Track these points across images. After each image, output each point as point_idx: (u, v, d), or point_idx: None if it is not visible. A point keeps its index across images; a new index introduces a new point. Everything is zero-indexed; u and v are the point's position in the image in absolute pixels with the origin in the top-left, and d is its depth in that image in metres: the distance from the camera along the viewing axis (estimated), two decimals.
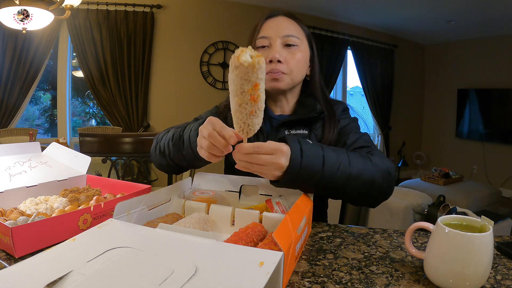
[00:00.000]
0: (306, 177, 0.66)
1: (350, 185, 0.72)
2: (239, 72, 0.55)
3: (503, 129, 4.59)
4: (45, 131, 4.04)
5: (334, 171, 0.69)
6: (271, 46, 0.91)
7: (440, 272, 0.51)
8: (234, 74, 0.56)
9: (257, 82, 0.56)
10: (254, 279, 0.38)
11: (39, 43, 3.24)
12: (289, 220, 0.52)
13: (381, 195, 0.79)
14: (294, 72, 0.91)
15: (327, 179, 0.68)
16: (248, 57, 0.55)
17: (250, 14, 4.03)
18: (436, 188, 3.54)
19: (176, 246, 0.46)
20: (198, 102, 3.88)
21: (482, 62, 4.81)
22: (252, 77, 0.55)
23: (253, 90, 0.56)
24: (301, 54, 0.92)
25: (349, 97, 5.37)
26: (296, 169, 0.64)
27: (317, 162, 0.67)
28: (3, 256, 0.59)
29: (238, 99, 0.57)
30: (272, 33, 0.91)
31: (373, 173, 0.75)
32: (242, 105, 0.57)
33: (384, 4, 3.89)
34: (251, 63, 0.54)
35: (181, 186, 0.78)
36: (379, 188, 0.76)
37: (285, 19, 0.94)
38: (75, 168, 0.94)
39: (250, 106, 0.57)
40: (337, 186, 0.71)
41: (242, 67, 0.54)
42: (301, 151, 0.66)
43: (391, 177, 0.79)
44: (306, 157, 0.66)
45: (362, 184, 0.73)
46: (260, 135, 0.95)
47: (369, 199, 0.79)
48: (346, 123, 0.95)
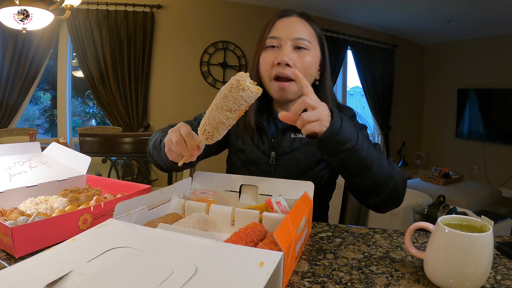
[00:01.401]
0: (343, 139, 0.68)
1: (376, 168, 0.74)
2: (245, 94, 0.61)
3: (503, 129, 4.59)
4: (45, 131, 4.04)
5: (366, 147, 0.72)
6: (280, 47, 0.89)
7: (440, 272, 0.51)
8: (237, 94, 0.61)
9: (249, 105, 0.64)
10: (254, 279, 0.38)
11: (39, 43, 3.24)
12: (290, 220, 0.52)
13: (396, 195, 0.80)
14: None
15: (359, 151, 0.71)
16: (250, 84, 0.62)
17: (250, 14, 4.04)
18: (436, 188, 3.54)
19: (176, 246, 0.46)
20: (198, 102, 3.88)
21: (482, 62, 4.81)
22: (251, 101, 0.63)
23: (244, 109, 0.64)
24: (310, 59, 0.89)
25: (349, 97, 5.37)
26: (337, 127, 0.67)
27: (353, 131, 0.71)
28: (3, 256, 0.59)
29: (229, 114, 0.63)
30: (283, 34, 0.89)
31: (393, 172, 0.78)
32: (228, 119, 0.64)
33: (384, 4, 3.88)
34: (256, 91, 0.62)
35: (181, 186, 0.78)
36: (395, 187, 0.78)
37: (298, 20, 0.91)
38: (75, 168, 0.94)
39: (232, 121, 0.65)
40: (365, 162, 0.72)
41: (248, 92, 0.61)
42: (341, 118, 0.69)
43: (405, 185, 0.81)
44: (345, 123, 0.69)
45: (384, 174, 0.76)
46: (265, 138, 0.95)
47: (383, 194, 0.78)
48: None
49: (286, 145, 0.92)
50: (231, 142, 1.01)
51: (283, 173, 0.91)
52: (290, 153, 0.92)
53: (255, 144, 0.95)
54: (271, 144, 0.94)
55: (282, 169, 0.92)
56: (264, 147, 0.95)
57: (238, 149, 0.98)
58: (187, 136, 0.69)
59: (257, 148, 0.95)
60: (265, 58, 0.90)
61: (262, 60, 0.91)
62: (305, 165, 0.92)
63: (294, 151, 0.92)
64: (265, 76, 0.92)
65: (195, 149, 0.70)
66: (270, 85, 0.91)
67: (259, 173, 0.92)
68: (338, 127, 0.67)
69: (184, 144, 0.69)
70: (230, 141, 1.02)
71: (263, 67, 0.91)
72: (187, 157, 0.71)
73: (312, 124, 0.66)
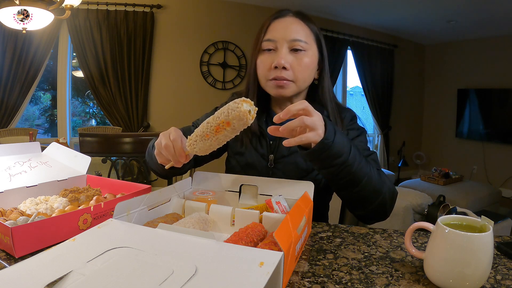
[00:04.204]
0: (335, 154, 0.68)
1: (365, 183, 0.74)
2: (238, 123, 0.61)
3: (503, 129, 4.59)
4: (45, 131, 4.04)
5: (357, 161, 0.72)
6: (277, 50, 0.87)
7: (440, 272, 0.51)
8: (237, 124, 0.61)
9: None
10: (254, 279, 0.38)
11: (39, 43, 3.24)
12: (290, 220, 0.52)
13: (382, 210, 0.81)
14: (299, 79, 0.88)
15: (349, 166, 0.71)
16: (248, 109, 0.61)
17: (250, 14, 4.03)
18: (436, 188, 3.54)
19: (176, 246, 0.46)
20: (198, 102, 3.88)
21: (482, 62, 4.81)
22: (242, 128, 0.63)
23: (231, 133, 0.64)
24: (308, 60, 0.88)
25: (349, 97, 5.36)
26: (329, 142, 0.66)
27: (345, 145, 0.70)
28: (3, 256, 0.59)
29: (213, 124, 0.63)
30: (279, 36, 0.87)
31: (383, 187, 0.78)
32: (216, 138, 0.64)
33: (384, 4, 3.88)
34: (246, 122, 0.61)
35: (181, 186, 0.78)
36: (382, 202, 0.78)
37: (293, 21, 0.89)
38: (75, 168, 0.94)
39: (222, 139, 0.64)
40: (355, 177, 0.72)
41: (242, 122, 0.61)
42: (334, 131, 0.68)
43: (393, 200, 0.82)
44: (338, 137, 0.68)
45: (373, 189, 0.76)
46: (264, 141, 0.94)
47: (369, 208, 0.79)
48: (354, 136, 0.93)
49: (284, 149, 0.91)
50: (230, 144, 1.00)
51: (281, 177, 0.90)
52: (289, 156, 0.92)
53: (254, 147, 0.95)
54: (269, 147, 0.94)
55: (281, 172, 0.92)
56: (263, 150, 0.94)
57: (237, 152, 0.97)
58: (174, 141, 0.70)
59: (255, 151, 0.94)
60: (262, 62, 0.90)
61: (259, 63, 0.91)
62: (304, 168, 0.91)
63: (292, 155, 0.91)
64: (262, 79, 0.92)
65: (182, 156, 0.71)
66: (266, 85, 0.91)
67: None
68: (330, 142, 0.66)
69: (172, 149, 0.71)
70: (228, 144, 1.01)
71: (260, 70, 0.91)
72: (173, 162, 0.73)
73: (308, 135, 0.65)
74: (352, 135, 0.93)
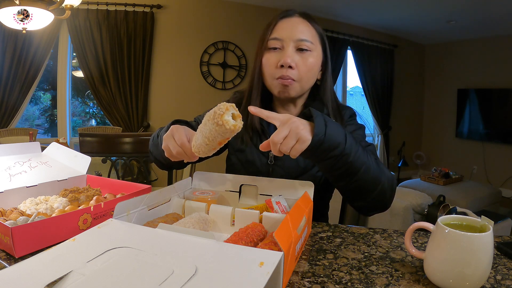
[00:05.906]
0: (330, 146, 0.68)
1: (363, 172, 0.73)
2: (219, 129, 0.57)
3: (503, 129, 4.59)
4: (45, 131, 4.04)
5: (354, 151, 0.71)
6: (283, 48, 0.88)
7: (440, 272, 0.51)
8: (213, 127, 0.58)
9: (229, 137, 0.60)
10: (254, 279, 0.38)
11: (39, 43, 3.24)
12: (290, 220, 0.52)
13: (382, 201, 0.80)
14: (304, 79, 0.89)
15: (346, 156, 0.70)
16: (230, 118, 0.57)
17: (250, 14, 4.04)
18: (436, 188, 3.54)
19: (176, 246, 0.46)
20: (198, 102, 3.88)
21: (482, 62, 4.81)
22: (228, 136, 0.59)
23: (224, 141, 0.61)
24: (313, 60, 0.89)
25: (349, 97, 5.37)
26: (320, 137, 0.66)
27: (340, 135, 0.70)
28: (3, 256, 0.59)
29: (207, 141, 0.61)
30: (286, 35, 0.88)
31: (381, 177, 0.77)
32: (208, 144, 0.62)
33: (384, 4, 3.88)
34: (231, 129, 0.57)
35: (181, 186, 0.78)
36: (382, 192, 0.78)
37: (300, 21, 0.90)
38: (75, 168, 0.94)
39: (213, 146, 0.63)
40: (353, 167, 0.72)
41: (223, 127, 0.57)
42: (325, 123, 0.68)
43: (393, 191, 0.81)
44: (330, 129, 0.68)
45: (372, 179, 0.75)
46: (264, 138, 0.95)
47: (369, 198, 0.78)
48: (351, 130, 0.94)
49: None
50: (230, 141, 1.00)
51: (281, 174, 0.92)
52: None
53: (254, 144, 0.95)
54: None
55: (281, 169, 0.92)
56: None
57: (237, 149, 0.98)
58: (183, 145, 0.71)
59: (256, 148, 0.95)
60: (268, 60, 0.90)
61: (265, 61, 0.91)
62: (304, 165, 0.91)
63: None
64: (267, 77, 0.92)
65: (195, 157, 0.73)
66: (272, 83, 0.91)
67: (257, 173, 0.92)
68: (322, 137, 0.66)
69: (184, 154, 0.72)
70: (229, 141, 1.02)
71: (266, 68, 0.91)
72: (187, 160, 0.75)
73: (295, 148, 0.65)
74: (349, 129, 0.94)
